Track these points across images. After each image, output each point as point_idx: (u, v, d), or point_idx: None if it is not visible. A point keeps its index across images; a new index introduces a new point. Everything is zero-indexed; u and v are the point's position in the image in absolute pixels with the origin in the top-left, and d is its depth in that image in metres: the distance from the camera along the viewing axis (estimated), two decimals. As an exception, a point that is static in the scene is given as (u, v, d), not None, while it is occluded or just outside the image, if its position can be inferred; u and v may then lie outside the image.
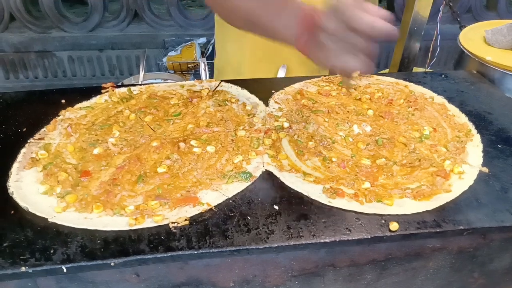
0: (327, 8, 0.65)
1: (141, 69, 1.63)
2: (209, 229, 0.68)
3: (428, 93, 1.08)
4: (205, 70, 2.02)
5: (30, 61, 3.21)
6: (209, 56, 2.85)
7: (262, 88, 1.08)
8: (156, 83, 1.15)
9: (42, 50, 3.16)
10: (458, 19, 1.39)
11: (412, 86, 1.11)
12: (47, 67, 3.25)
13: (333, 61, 0.69)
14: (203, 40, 2.99)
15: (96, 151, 0.85)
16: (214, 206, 0.72)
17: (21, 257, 0.62)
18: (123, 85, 1.10)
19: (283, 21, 0.78)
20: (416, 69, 1.57)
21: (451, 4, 1.32)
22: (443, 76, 1.17)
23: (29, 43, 3.13)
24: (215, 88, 1.08)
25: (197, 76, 2.78)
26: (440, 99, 1.05)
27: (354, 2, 0.62)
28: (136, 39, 3.19)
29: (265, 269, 0.72)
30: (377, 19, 0.61)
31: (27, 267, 0.61)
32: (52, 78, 3.30)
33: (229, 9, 0.90)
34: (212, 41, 2.93)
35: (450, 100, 1.04)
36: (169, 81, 2.32)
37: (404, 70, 1.40)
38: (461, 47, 1.27)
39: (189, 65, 2.78)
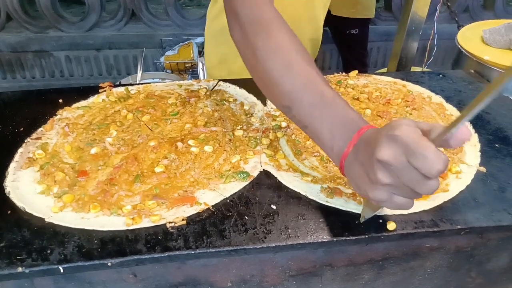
0: (385, 137, 0.52)
1: (139, 68, 1.62)
2: (207, 229, 0.67)
3: (425, 92, 1.08)
4: (202, 70, 2.02)
5: (27, 61, 3.20)
6: (207, 56, 2.85)
7: (260, 88, 1.07)
8: (154, 82, 1.14)
9: (39, 50, 3.15)
10: (456, 19, 1.39)
11: (410, 86, 1.11)
12: (44, 67, 3.24)
13: (384, 200, 0.55)
14: (200, 39, 2.98)
15: (93, 150, 0.84)
16: (212, 206, 0.72)
17: (17, 257, 0.62)
18: (120, 85, 1.09)
19: (331, 129, 0.63)
20: (414, 69, 1.58)
21: (448, 4, 1.32)
22: (440, 75, 1.18)
23: (26, 43, 3.12)
24: (213, 88, 1.08)
25: (194, 75, 2.77)
26: (438, 99, 1.05)
27: (416, 136, 0.50)
28: (134, 38, 3.18)
29: (262, 269, 0.72)
30: (440, 155, 0.49)
31: (23, 267, 0.60)
32: (50, 78, 3.29)
33: (271, 90, 0.71)
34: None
35: (448, 99, 1.05)
36: (166, 80, 2.31)
37: (401, 70, 1.40)
38: (459, 46, 1.27)
39: (187, 65, 2.78)
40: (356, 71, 1.15)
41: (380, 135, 0.53)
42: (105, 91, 1.05)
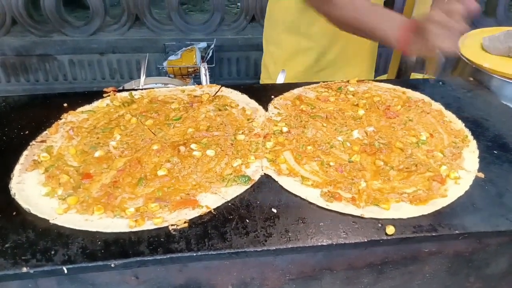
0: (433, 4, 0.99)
1: (142, 73, 1.63)
2: (208, 232, 0.68)
3: (425, 99, 1.09)
4: (205, 75, 2.02)
5: (32, 65, 3.22)
6: (209, 61, 2.86)
7: (262, 94, 1.09)
8: (157, 87, 1.16)
9: (44, 53, 3.17)
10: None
11: (410, 93, 1.12)
12: (48, 71, 3.26)
13: (439, 45, 0.90)
14: (203, 44, 3.00)
15: (97, 154, 0.86)
16: (213, 209, 0.73)
17: (22, 257, 0.63)
18: (124, 90, 1.11)
19: (387, 26, 1.01)
20: (414, 75, 1.59)
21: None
22: (440, 83, 1.19)
23: (31, 47, 3.14)
24: (216, 93, 1.09)
25: (197, 80, 2.78)
26: (437, 106, 1.06)
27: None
28: (137, 43, 3.20)
29: (263, 272, 0.72)
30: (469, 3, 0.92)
31: (28, 268, 0.61)
32: (53, 82, 3.31)
33: (336, 17, 1.09)
34: (212, 46, 2.93)
35: (447, 106, 1.06)
36: (169, 85, 2.32)
37: (402, 76, 1.41)
38: (459, 53, 1.28)
39: (189, 70, 2.79)
40: (357, 78, 1.16)
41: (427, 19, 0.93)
42: (109, 95, 1.07)
